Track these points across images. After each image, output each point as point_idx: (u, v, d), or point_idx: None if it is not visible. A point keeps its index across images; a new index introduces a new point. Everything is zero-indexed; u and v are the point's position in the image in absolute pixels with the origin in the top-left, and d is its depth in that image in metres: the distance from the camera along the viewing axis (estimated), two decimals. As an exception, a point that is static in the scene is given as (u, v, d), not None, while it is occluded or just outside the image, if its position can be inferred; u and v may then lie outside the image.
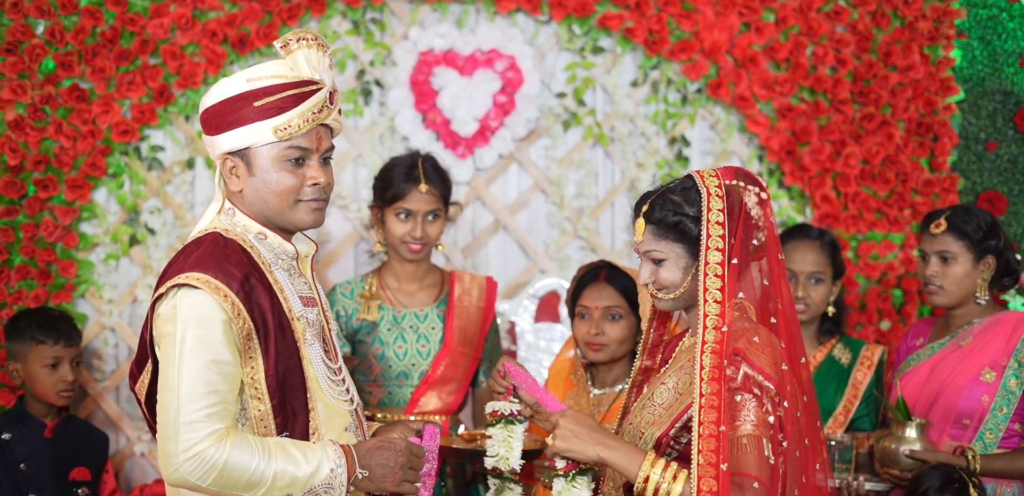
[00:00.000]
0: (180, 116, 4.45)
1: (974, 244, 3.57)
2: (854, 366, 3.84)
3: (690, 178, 2.56)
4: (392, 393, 3.83)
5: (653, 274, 2.58)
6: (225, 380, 2.40)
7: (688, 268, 2.54)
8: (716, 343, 2.43)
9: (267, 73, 2.47)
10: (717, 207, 2.49)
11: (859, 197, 4.71)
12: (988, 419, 3.50)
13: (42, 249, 4.28)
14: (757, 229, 2.53)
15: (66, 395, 3.93)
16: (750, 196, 2.53)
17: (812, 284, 3.83)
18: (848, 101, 4.71)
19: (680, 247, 2.54)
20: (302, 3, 4.43)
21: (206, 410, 2.37)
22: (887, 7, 4.73)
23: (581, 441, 2.48)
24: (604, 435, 2.49)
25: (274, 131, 2.46)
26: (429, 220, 3.78)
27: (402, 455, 2.50)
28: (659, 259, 2.56)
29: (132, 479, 4.47)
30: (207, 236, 2.53)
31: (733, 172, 2.56)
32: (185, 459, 2.34)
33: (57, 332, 3.93)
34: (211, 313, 2.40)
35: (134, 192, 4.44)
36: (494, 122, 4.61)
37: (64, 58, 4.26)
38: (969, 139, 4.83)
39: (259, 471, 2.37)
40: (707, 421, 2.36)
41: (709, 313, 2.45)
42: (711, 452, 2.35)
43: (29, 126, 4.23)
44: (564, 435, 2.49)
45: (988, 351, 3.54)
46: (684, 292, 2.55)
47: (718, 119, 4.76)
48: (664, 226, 2.55)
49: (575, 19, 4.63)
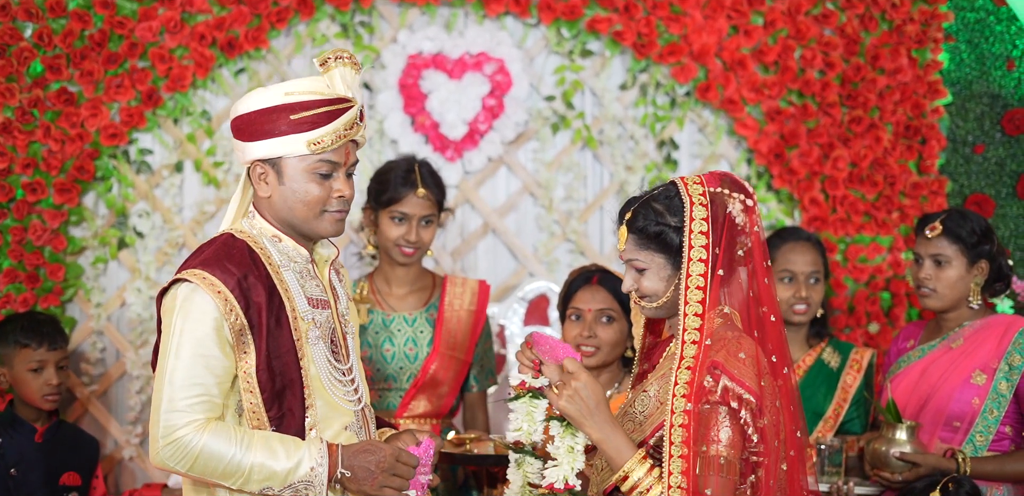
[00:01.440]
0: (168, 119, 4.41)
1: (968, 248, 3.56)
2: (843, 369, 3.83)
3: (674, 185, 2.52)
4: (382, 396, 3.81)
5: (636, 282, 2.55)
6: (211, 373, 2.49)
7: (670, 278, 2.51)
8: (693, 358, 2.41)
9: (305, 88, 2.56)
10: (700, 216, 2.46)
11: (847, 200, 4.69)
12: (978, 422, 3.49)
13: (30, 253, 4.23)
14: (743, 235, 2.50)
15: (51, 399, 3.88)
16: (735, 203, 2.50)
17: (811, 284, 3.83)
18: (836, 104, 4.69)
19: (662, 257, 2.51)
20: (291, 6, 4.39)
21: (189, 400, 2.46)
22: (875, 10, 4.71)
23: (585, 415, 2.44)
24: (608, 419, 2.45)
25: (307, 144, 2.54)
26: (423, 225, 3.76)
27: (385, 460, 2.53)
28: (641, 268, 2.54)
29: (122, 483, 4.43)
30: (219, 237, 2.63)
31: (718, 178, 2.53)
32: (165, 444, 2.45)
33: (41, 335, 3.88)
34: (203, 308, 2.49)
35: (123, 195, 4.39)
36: (483, 125, 4.58)
37: (52, 61, 4.21)
38: (957, 142, 4.81)
39: (235, 461, 2.45)
40: (677, 442, 2.36)
41: (688, 327, 2.43)
42: (681, 474, 2.35)
43: (17, 129, 4.17)
44: (573, 399, 2.45)
45: (979, 354, 3.53)
46: (667, 302, 2.53)
47: (707, 122, 4.74)
48: (646, 236, 2.52)
49: (564, 22, 4.60)
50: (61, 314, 4.30)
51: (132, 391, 4.39)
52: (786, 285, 3.81)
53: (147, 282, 4.39)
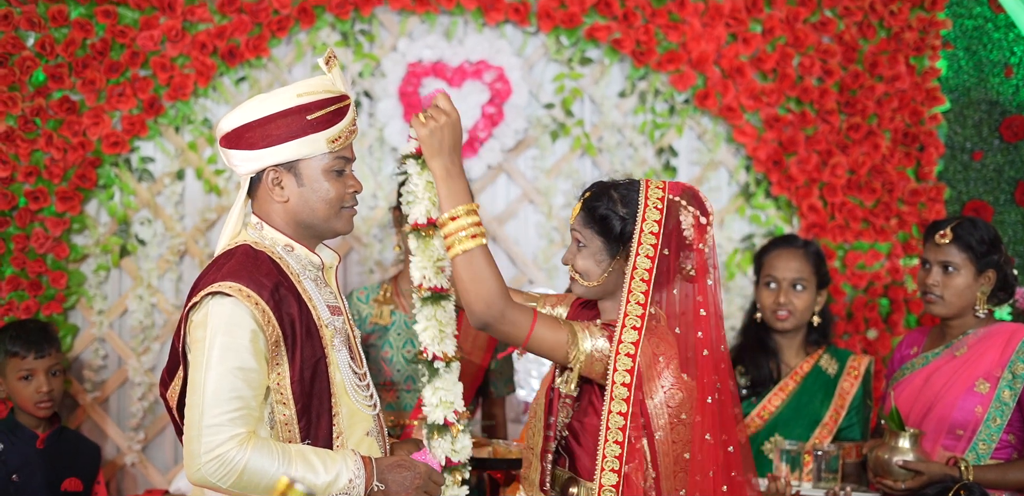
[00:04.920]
0: (170, 127, 4.35)
1: (977, 257, 3.52)
2: (841, 376, 3.78)
3: (638, 183, 2.62)
4: (400, 397, 3.77)
5: (574, 256, 2.65)
6: (249, 386, 2.42)
7: (603, 263, 2.61)
8: (633, 344, 2.50)
9: (317, 88, 2.54)
10: (653, 218, 2.56)
11: (846, 207, 4.63)
12: (981, 430, 3.43)
13: (33, 260, 4.19)
14: (688, 249, 2.59)
15: (44, 406, 3.82)
16: (686, 216, 2.59)
17: (794, 291, 3.77)
18: (835, 111, 4.62)
19: (600, 240, 2.61)
20: (292, 15, 4.34)
21: (230, 414, 2.39)
22: (873, 18, 4.64)
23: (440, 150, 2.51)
24: (457, 162, 2.52)
25: (327, 142, 2.53)
26: None
27: (420, 478, 2.52)
28: (581, 244, 2.63)
29: (124, 489, 4.38)
30: (237, 248, 2.55)
31: (681, 190, 2.62)
32: (208, 460, 2.36)
33: (28, 344, 3.81)
34: (240, 321, 2.42)
35: (124, 203, 4.34)
36: (482, 133, 4.52)
37: (54, 70, 4.16)
38: (955, 149, 4.75)
39: (278, 476, 2.38)
40: (614, 428, 2.48)
41: (630, 313, 2.52)
42: (615, 458, 2.46)
43: (20, 138, 4.14)
44: (435, 132, 2.51)
45: (982, 362, 3.47)
46: (598, 286, 2.63)
47: (705, 129, 4.67)
48: (592, 216, 2.61)
49: (563, 30, 4.54)
50: (63, 321, 4.26)
51: (134, 398, 4.34)
52: (770, 291, 3.79)
53: (149, 289, 4.34)
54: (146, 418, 4.35)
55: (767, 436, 3.72)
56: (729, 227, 4.68)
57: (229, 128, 2.55)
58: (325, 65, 2.58)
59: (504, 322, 2.51)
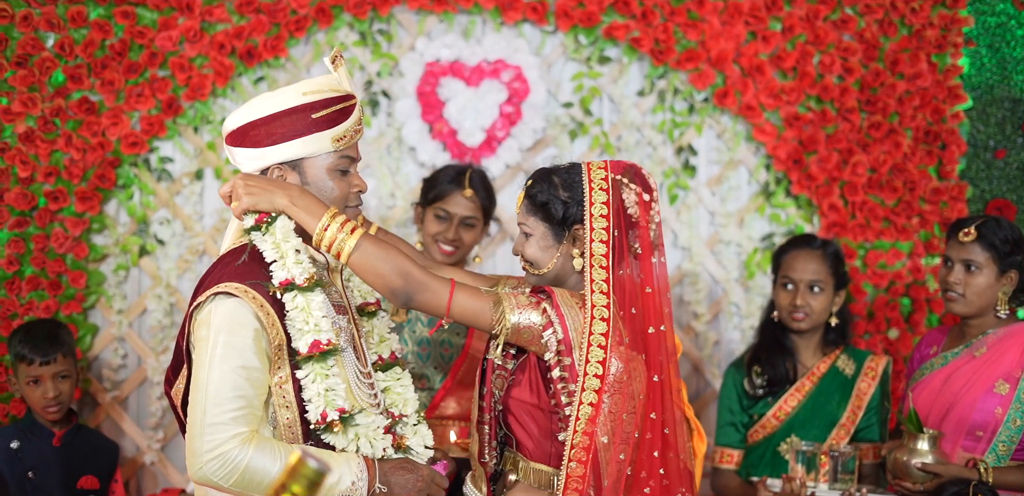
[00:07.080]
0: (189, 128, 4.32)
1: (1001, 257, 3.46)
2: (858, 377, 3.73)
3: (579, 166, 2.60)
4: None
5: (522, 246, 2.64)
6: (252, 385, 2.39)
7: (551, 249, 2.60)
8: (603, 336, 2.47)
9: (322, 87, 2.52)
10: (600, 200, 2.54)
11: (867, 206, 4.54)
12: (1001, 431, 3.37)
13: (52, 260, 4.16)
14: (635, 228, 2.55)
15: (52, 410, 3.78)
16: (629, 194, 2.56)
17: (811, 292, 3.72)
18: (855, 109, 4.53)
19: (544, 226, 2.60)
20: (309, 15, 4.30)
21: (232, 413, 2.36)
22: (894, 15, 4.55)
23: (267, 189, 2.45)
24: (287, 185, 2.47)
25: (332, 141, 2.50)
26: (465, 226, 3.71)
27: (422, 480, 2.51)
28: (527, 233, 2.62)
29: (143, 488, 4.34)
30: (242, 247, 2.53)
31: (623, 168, 2.59)
32: (209, 459, 2.34)
33: (35, 350, 3.77)
34: (244, 320, 2.39)
35: (144, 203, 4.31)
36: (500, 132, 4.46)
37: (74, 71, 4.13)
38: (977, 147, 4.65)
39: (279, 476, 2.30)
40: (583, 419, 2.45)
41: (597, 304, 2.50)
42: (583, 449, 2.44)
43: (39, 138, 4.11)
44: (249, 190, 2.44)
45: (1002, 363, 3.41)
46: (549, 273, 2.61)
47: (725, 128, 4.60)
48: (534, 203, 2.60)
49: (581, 29, 4.48)
50: (83, 321, 4.23)
51: (153, 397, 4.30)
52: (786, 292, 3.73)
53: (168, 289, 4.30)
54: (165, 417, 4.32)
55: (783, 437, 3.66)
56: (749, 226, 4.60)
57: (234, 126, 2.51)
58: (331, 64, 2.56)
59: (423, 290, 2.47)
